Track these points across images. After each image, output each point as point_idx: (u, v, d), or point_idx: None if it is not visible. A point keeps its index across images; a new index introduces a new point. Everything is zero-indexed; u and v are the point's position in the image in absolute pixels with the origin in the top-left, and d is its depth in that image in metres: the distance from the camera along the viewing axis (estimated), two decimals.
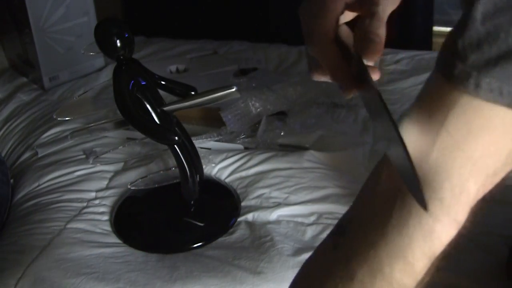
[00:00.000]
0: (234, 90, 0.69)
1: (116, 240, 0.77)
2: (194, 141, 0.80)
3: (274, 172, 0.87)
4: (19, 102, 1.18)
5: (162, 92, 0.75)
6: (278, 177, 0.86)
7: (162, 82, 0.76)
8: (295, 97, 1.03)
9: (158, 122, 0.71)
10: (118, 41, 0.67)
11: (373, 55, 0.41)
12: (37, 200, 0.84)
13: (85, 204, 0.83)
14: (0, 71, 1.33)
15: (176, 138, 0.68)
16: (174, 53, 1.38)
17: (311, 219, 0.78)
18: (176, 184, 0.81)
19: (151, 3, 1.64)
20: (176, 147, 0.73)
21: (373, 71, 0.42)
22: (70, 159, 0.94)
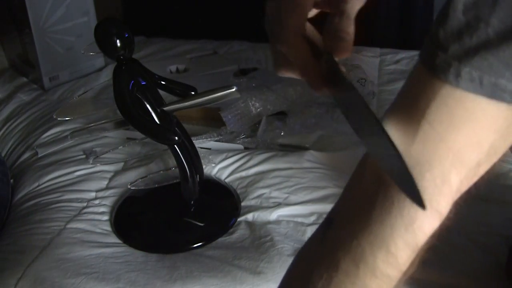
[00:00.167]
0: (234, 90, 0.69)
1: (116, 240, 0.77)
2: (194, 141, 0.80)
3: (274, 172, 0.87)
4: (19, 102, 1.18)
5: (162, 92, 0.75)
6: (278, 177, 0.86)
7: (162, 82, 0.76)
8: (295, 97, 1.03)
9: (158, 122, 0.71)
10: (118, 41, 0.67)
11: (343, 54, 0.41)
12: (37, 200, 0.84)
13: (85, 204, 0.84)
14: (0, 71, 1.33)
15: (176, 138, 0.68)
16: (174, 53, 1.38)
17: (311, 219, 0.78)
18: (176, 184, 0.81)
19: (151, 3, 1.65)
20: (176, 147, 0.74)
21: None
22: (70, 159, 0.94)
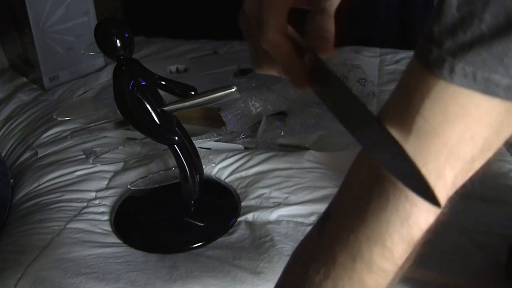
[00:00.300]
0: (234, 90, 0.69)
1: (116, 240, 0.77)
2: (194, 141, 0.80)
3: (274, 172, 0.87)
4: (19, 102, 1.18)
5: (162, 92, 0.75)
6: (278, 177, 0.86)
7: (162, 82, 0.76)
8: (295, 97, 1.03)
9: (158, 122, 0.71)
10: (118, 41, 0.67)
11: (326, 52, 0.41)
12: (37, 200, 0.84)
13: (85, 204, 0.84)
14: (0, 71, 1.33)
15: (176, 138, 0.68)
16: (174, 53, 1.38)
17: (311, 219, 0.78)
18: (176, 184, 0.81)
19: (151, 3, 1.64)
20: (176, 147, 0.74)
21: None
22: (70, 159, 0.94)
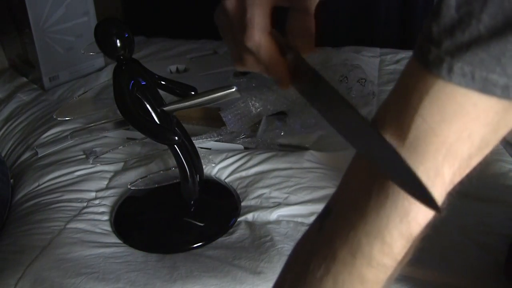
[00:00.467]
0: (234, 90, 0.69)
1: (116, 240, 0.77)
2: (194, 141, 0.80)
3: (274, 172, 0.87)
4: (19, 102, 1.18)
5: (162, 92, 0.75)
6: (278, 177, 0.86)
7: (162, 82, 0.76)
8: (295, 97, 1.03)
9: (158, 122, 0.71)
10: (118, 41, 0.67)
11: (307, 51, 0.42)
12: (37, 200, 0.84)
13: (85, 204, 0.84)
14: (0, 71, 1.33)
15: (176, 138, 0.68)
16: (174, 53, 1.38)
17: (311, 219, 0.77)
18: (176, 184, 0.81)
19: (151, 3, 1.64)
20: (176, 147, 0.74)
21: None
22: (70, 159, 0.94)
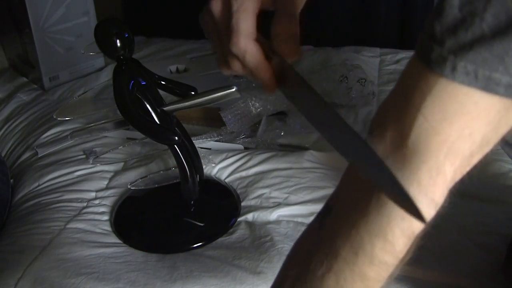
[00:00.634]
0: (234, 90, 0.69)
1: (116, 240, 0.77)
2: (194, 141, 0.80)
3: (274, 172, 0.87)
4: (19, 102, 1.18)
5: (162, 92, 0.75)
6: (278, 177, 0.86)
7: (162, 82, 0.76)
8: None
9: (158, 122, 0.71)
10: (118, 41, 0.67)
11: (294, 56, 0.43)
12: (37, 200, 0.84)
13: (85, 204, 0.84)
14: (0, 71, 1.33)
15: (176, 138, 0.68)
16: (174, 53, 1.38)
17: (311, 219, 0.77)
18: (176, 184, 0.81)
19: (151, 3, 1.64)
20: (176, 147, 0.74)
21: None
22: (70, 159, 0.94)
